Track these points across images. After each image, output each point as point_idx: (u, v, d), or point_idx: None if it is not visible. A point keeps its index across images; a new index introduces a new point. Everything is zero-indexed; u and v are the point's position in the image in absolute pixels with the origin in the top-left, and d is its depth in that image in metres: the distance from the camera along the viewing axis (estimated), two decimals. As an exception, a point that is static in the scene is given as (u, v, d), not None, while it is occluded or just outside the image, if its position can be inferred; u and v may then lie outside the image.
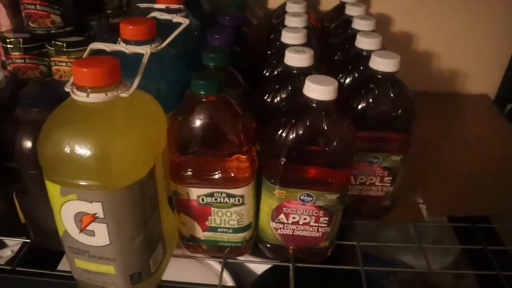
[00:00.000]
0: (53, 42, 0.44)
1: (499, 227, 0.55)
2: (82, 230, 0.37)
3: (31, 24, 0.43)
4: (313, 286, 0.45)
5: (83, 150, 0.33)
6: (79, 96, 0.35)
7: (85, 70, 0.34)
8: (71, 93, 0.35)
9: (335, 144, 0.40)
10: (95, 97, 0.34)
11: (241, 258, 0.49)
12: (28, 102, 0.42)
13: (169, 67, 0.48)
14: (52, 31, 0.45)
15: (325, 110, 0.39)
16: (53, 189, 0.36)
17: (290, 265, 0.47)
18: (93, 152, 0.33)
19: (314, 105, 0.39)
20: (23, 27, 0.46)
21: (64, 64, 0.45)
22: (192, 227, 0.46)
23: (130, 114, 0.37)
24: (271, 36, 0.62)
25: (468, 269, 0.63)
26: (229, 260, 0.48)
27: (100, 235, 0.37)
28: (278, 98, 0.46)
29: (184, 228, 0.46)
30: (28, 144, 0.41)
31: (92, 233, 0.37)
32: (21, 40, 0.44)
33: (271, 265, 0.62)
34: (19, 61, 0.46)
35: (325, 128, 0.39)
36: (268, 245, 0.47)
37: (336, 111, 0.40)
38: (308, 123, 0.39)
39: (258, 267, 0.66)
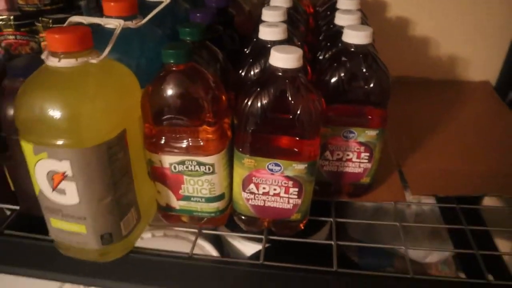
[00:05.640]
0: (40, 18, 0.47)
1: (483, 207, 0.54)
2: (54, 188, 0.39)
3: (19, 1, 0.46)
4: (286, 259, 0.45)
5: (52, 111, 0.36)
6: (52, 62, 0.37)
7: (57, 36, 0.36)
8: (45, 59, 0.38)
9: (300, 112, 0.40)
10: (66, 62, 0.37)
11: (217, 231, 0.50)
12: (14, 72, 0.45)
13: (150, 45, 0.50)
14: (41, 8, 0.48)
15: (290, 78, 0.40)
16: (27, 149, 0.38)
17: (263, 236, 0.48)
18: (61, 112, 0.36)
19: (279, 73, 0.40)
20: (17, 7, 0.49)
21: (52, 39, 0.48)
22: (167, 196, 0.47)
23: (100, 80, 0.39)
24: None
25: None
26: (204, 231, 0.49)
27: (70, 194, 0.39)
28: (252, 72, 0.47)
29: (160, 197, 0.48)
30: (12, 110, 0.44)
31: (63, 192, 0.39)
32: (11, 17, 0.47)
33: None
34: (10, 37, 0.49)
35: (290, 96, 0.40)
36: (242, 217, 0.48)
37: (302, 80, 0.41)
38: (273, 91, 0.40)
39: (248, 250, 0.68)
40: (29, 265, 0.50)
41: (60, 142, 0.36)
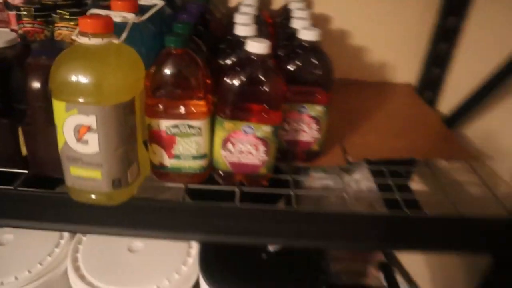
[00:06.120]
0: (58, 11, 0.58)
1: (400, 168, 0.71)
2: (79, 139, 0.50)
3: (42, -4, 0.57)
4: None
5: (84, 77, 0.47)
6: (83, 40, 0.48)
7: (89, 21, 0.48)
8: (76, 39, 0.49)
9: (268, 86, 0.54)
10: (94, 41, 0.48)
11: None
12: (39, 52, 0.55)
13: (147, 38, 0.63)
14: (57, 2, 0.58)
15: (261, 61, 0.54)
16: (59, 106, 0.49)
17: (236, 187, 0.61)
18: (92, 77, 0.47)
19: (254, 57, 0.54)
20: (32, 1, 0.60)
21: (65, 28, 0.59)
22: (161, 156, 0.59)
23: (117, 56, 0.51)
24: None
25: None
26: (190, 187, 0.61)
27: (92, 144, 0.50)
28: (229, 61, 0.61)
29: (155, 157, 0.59)
30: (38, 82, 0.54)
31: (86, 143, 0.50)
32: (32, 8, 0.58)
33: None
34: (28, 26, 0.59)
35: (261, 74, 0.54)
36: (221, 173, 0.61)
37: (270, 64, 0.55)
38: (248, 70, 0.54)
39: None
40: (39, 218, 0.59)
41: (89, 100, 0.48)
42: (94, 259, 0.76)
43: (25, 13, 0.57)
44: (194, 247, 0.79)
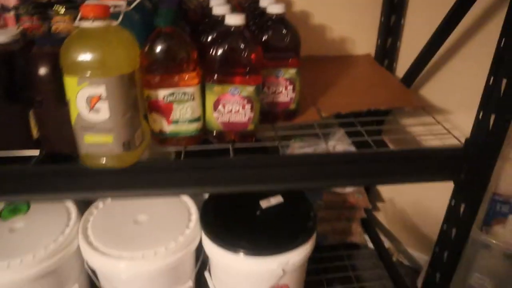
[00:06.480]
0: (55, 5, 0.65)
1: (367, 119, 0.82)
2: (91, 108, 0.58)
3: (38, -6, 0.65)
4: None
5: (92, 53, 0.55)
6: (86, 24, 0.57)
7: (91, 7, 0.56)
8: (78, 24, 0.57)
9: (248, 52, 0.64)
10: (96, 23, 0.57)
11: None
12: (43, 42, 0.63)
13: (134, 24, 0.71)
14: (52, 0, 0.66)
15: (239, 31, 0.64)
16: (71, 82, 0.57)
17: (230, 145, 0.70)
18: (98, 54, 0.55)
19: (232, 29, 0.63)
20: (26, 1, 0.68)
21: (62, 22, 0.67)
22: (160, 123, 0.67)
23: (117, 36, 0.59)
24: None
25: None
26: (187, 150, 0.70)
27: (103, 111, 0.58)
28: (210, 38, 0.70)
29: (155, 125, 0.68)
30: (46, 67, 0.62)
31: (97, 111, 0.58)
32: (30, 6, 0.65)
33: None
34: (27, 22, 0.66)
35: (241, 42, 0.64)
36: (214, 133, 0.70)
37: (247, 34, 0.65)
38: (230, 40, 0.64)
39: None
40: (56, 190, 0.67)
41: (98, 73, 0.56)
42: (104, 233, 0.83)
43: (24, 11, 0.65)
44: (194, 213, 0.87)
